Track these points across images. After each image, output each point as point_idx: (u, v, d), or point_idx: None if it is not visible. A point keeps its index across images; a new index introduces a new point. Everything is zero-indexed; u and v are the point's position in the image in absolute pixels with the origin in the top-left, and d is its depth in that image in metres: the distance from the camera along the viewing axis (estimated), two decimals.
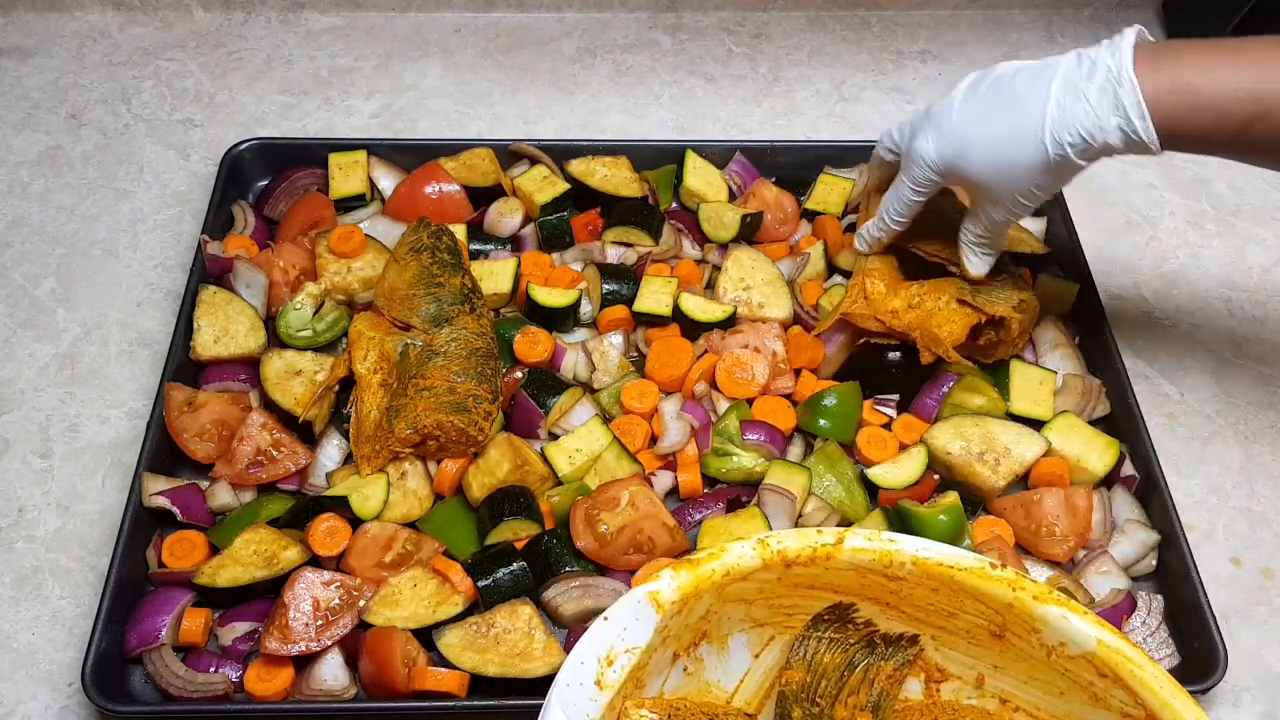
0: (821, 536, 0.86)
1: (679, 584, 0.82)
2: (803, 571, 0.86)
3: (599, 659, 0.79)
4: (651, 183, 1.39)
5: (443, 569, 1.05)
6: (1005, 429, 1.15)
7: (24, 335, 1.29)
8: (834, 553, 0.86)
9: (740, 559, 0.85)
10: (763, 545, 0.85)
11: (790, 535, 0.86)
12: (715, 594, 0.85)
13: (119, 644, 1.03)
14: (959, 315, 1.17)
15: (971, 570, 0.85)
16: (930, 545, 0.86)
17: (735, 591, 0.87)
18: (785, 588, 0.88)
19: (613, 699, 0.79)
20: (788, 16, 1.69)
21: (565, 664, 0.78)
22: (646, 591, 0.81)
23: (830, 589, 0.89)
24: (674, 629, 0.85)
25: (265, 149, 1.39)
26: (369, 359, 1.17)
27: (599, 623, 0.80)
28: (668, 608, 0.82)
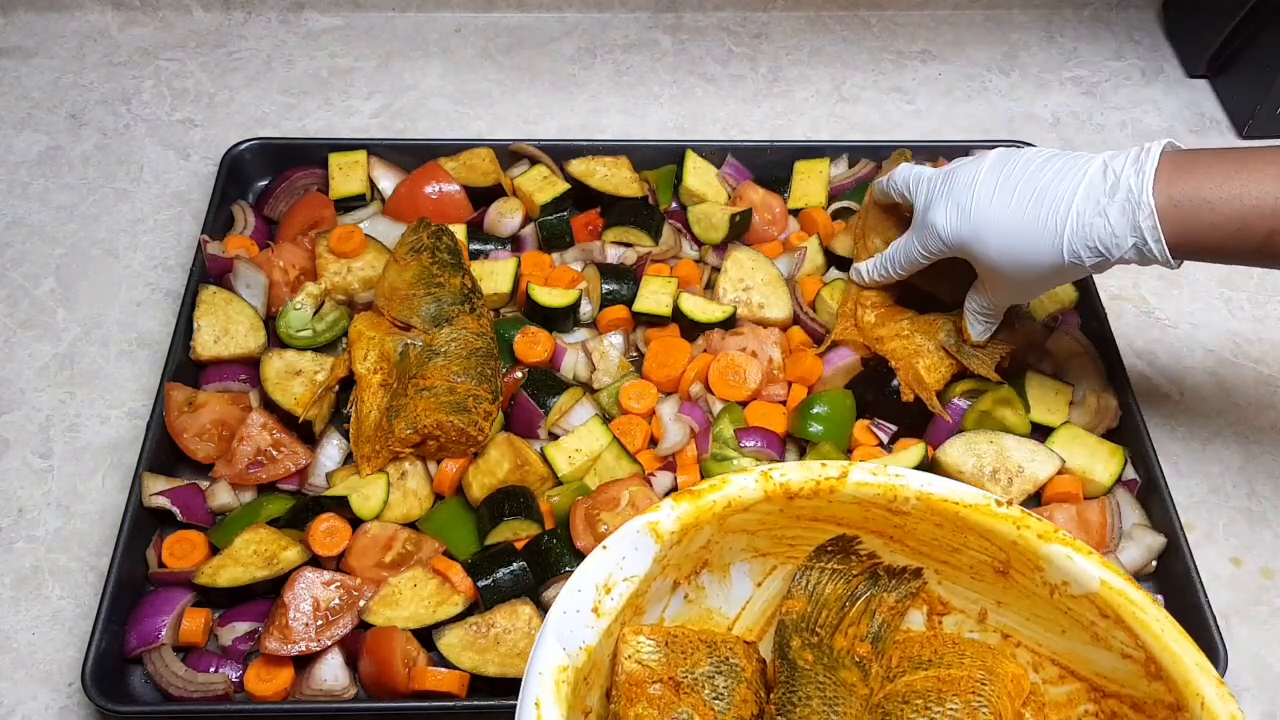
0: (825, 469, 0.86)
1: (679, 515, 0.83)
2: (805, 504, 0.86)
3: (597, 586, 0.79)
4: (651, 183, 1.39)
5: (443, 569, 1.05)
6: (1019, 446, 1.15)
7: (24, 335, 1.29)
8: (837, 486, 0.86)
9: (742, 490, 0.85)
10: (765, 477, 0.85)
11: (793, 468, 0.86)
12: (716, 524, 0.85)
13: (119, 644, 1.03)
14: (942, 364, 1.18)
15: (976, 507, 0.84)
16: (935, 480, 0.86)
17: (737, 522, 0.87)
18: (788, 519, 0.88)
19: (610, 625, 0.79)
20: (788, 16, 1.69)
21: (562, 592, 0.79)
22: (646, 522, 0.82)
23: (833, 521, 0.89)
24: (674, 558, 0.85)
25: (265, 149, 1.39)
26: (369, 359, 1.17)
27: (597, 551, 0.80)
28: (667, 538, 0.82)
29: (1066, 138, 1.56)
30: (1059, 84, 1.63)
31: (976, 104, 1.60)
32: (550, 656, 0.76)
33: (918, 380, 1.17)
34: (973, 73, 1.64)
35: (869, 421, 1.19)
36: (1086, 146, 1.55)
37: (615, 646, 0.82)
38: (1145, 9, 1.72)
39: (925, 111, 1.59)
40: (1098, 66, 1.66)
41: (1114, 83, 1.64)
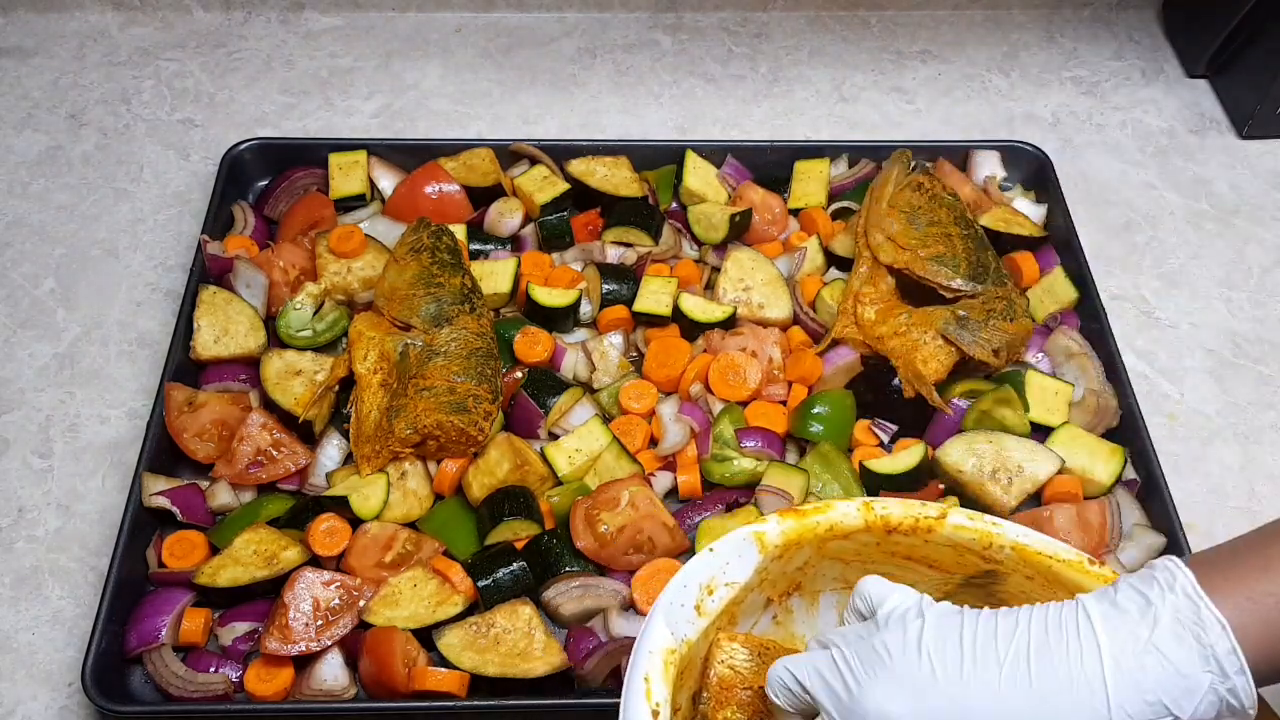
0: (925, 508, 0.87)
1: (784, 529, 0.85)
2: (902, 540, 0.87)
3: (701, 586, 0.82)
4: (651, 183, 1.39)
5: (443, 569, 1.05)
6: (1019, 446, 1.14)
7: (24, 335, 1.29)
8: (936, 526, 0.86)
9: (845, 516, 0.86)
10: (867, 508, 0.87)
11: (895, 503, 0.87)
12: (816, 547, 0.87)
13: (119, 644, 1.03)
14: (942, 353, 1.18)
15: (1069, 563, 0.84)
16: (1031, 533, 0.86)
17: (834, 549, 0.88)
18: (883, 554, 0.89)
19: (708, 626, 0.81)
20: (788, 16, 1.69)
21: (670, 584, 0.81)
22: (753, 531, 0.84)
23: (926, 563, 0.89)
24: (772, 573, 0.87)
25: (265, 149, 1.39)
26: (369, 359, 1.17)
27: (704, 553, 0.83)
28: (770, 550, 0.84)
29: (1066, 137, 1.56)
30: (1059, 84, 1.63)
31: (976, 104, 1.60)
32: (659, 638, 0.78)
33: (917, 376, 1.17)
34: (973, 73, 1.64)
35: (869, 421, 1.19)
36: (1087, 146, 1.55)
37: (709, 651, 0.84)
38: (1145, 9, 1.72)
39: (925, 111, 1.59)
40: (1098, 66, 1.66)
41: (1114, 83, 1.64)
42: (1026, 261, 1.32)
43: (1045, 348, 1.26)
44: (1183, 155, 1.55)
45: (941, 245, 1.23)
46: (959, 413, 1.17)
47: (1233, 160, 1.54)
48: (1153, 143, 1.56)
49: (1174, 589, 0.69)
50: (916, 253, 1.22)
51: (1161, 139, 1.57)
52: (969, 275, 1.21)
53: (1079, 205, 1.43)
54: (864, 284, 1.24)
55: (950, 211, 1.26)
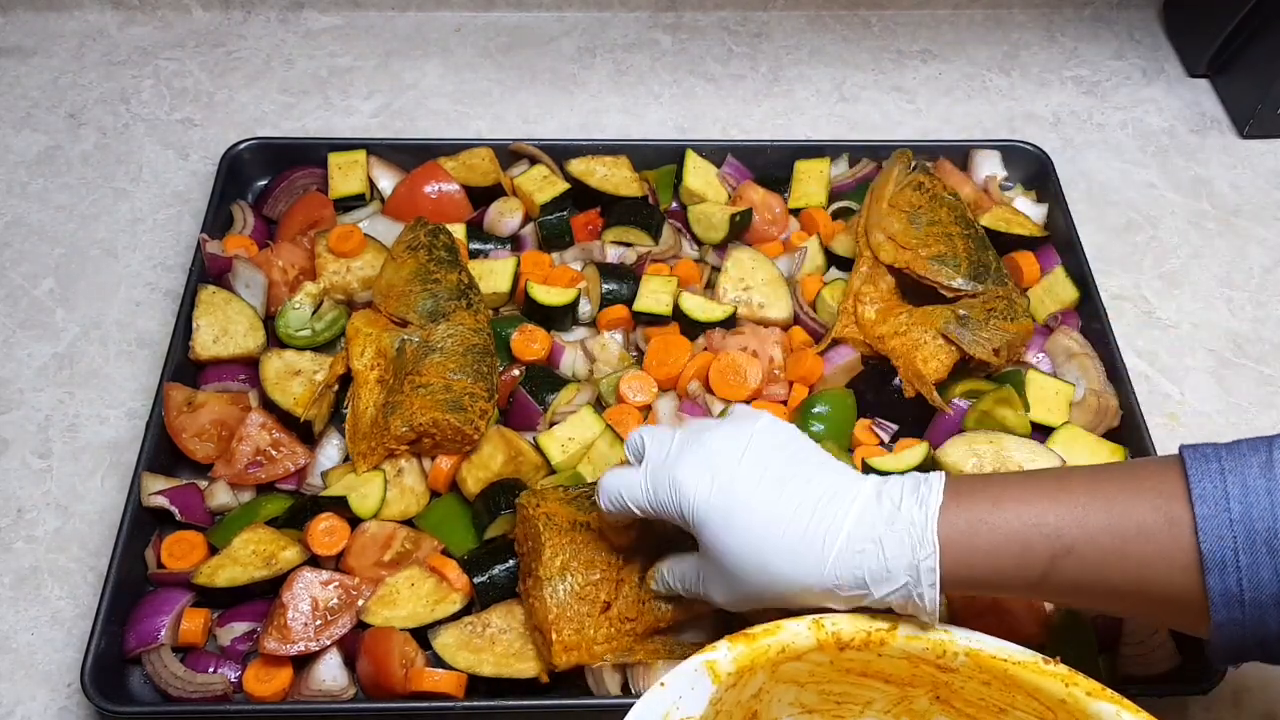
0: (875, 622, 0.86)
1: (735, 655, 0.83)
2: (856, 656, 0.86)
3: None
4: (651, 182, 1.38)
5: (439, 566, 1.05)
6: (1020, 447, 1.14)
7: (23, 335, 1.29)
8: (887, 638, 0.86)
9: (795, 637, 0.85)
10: (817, 625, 0.86)
11: (844, 619, 0.86)
12: (769, 671, 0.86)
13: (118, 644, 1.02)
14: (943, 352, 1.17)
15: (1024, 664, 0.84)
16: (984, 639, 0.86)
17: (788, 671, 0.87)
18: (837, 672, 0.88)
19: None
20: (788, 16, 1.69)
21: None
22: (703, 660, 0.82)
23: (881, 677, 0.88)
24: (727, 703, 0.85)
25: (265, 149, 1.39)
26: (366, 355, 1.17)
27: (656, 688, 0.81)
28: (724, 679, 0.83)
29: (1067, 137, 1.55)
30: (1059, 83, 1.63)
31: (977, 103, 1.60)
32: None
33: (917, 375, 1.16)
34: (973, 72, 1.64)
35: (870, 421, 1.19)
36: (1087, 146, 1.55)
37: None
38: (1146, 8, 1.72)
39: (926, 111, 1.59)
40: (1098, 66, 1.65)
41: (1114, 82, 1.63)
42: (1027, 261, 1.32)
43: (1046, 347, 1.26)
44: (1183, 155, 1.54)
45: (942, 245, 1.23)
46: (959, 412, 1.17)
47: (1234, 160, 1.54)
48: (1153, 142, 1.56)
49: (920, 503, 0.82)
50: (917, 252, 1.22)
51: (1162, 139, 1.56)
52: (970, 275, 1.21)
53: (1080, 205, 1.43)
54: (864, 283, 1.23)
55: (951, 211, 1.25)
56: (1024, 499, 0.82)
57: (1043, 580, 0.82)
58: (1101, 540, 0.79)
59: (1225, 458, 0.77)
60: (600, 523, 0.99)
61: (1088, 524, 0.80)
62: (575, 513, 1.01)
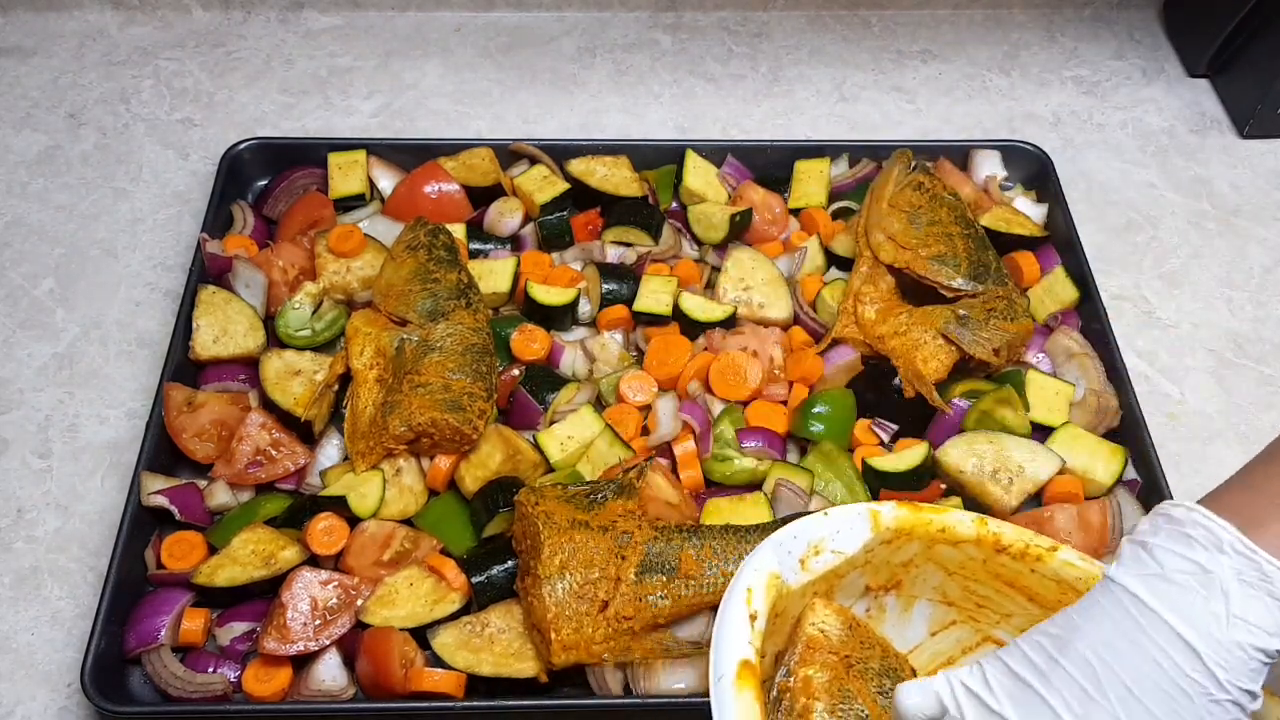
0: (1038, 538, 0.87)
1: (898, 515, 0.86)
2: (1009, 564, 0.87)
3: (809, 543, 0.82)
4: (651, 182, 1.38)
5: (437, 566, 1.05)
6: (1019, 446, 1.14)
7: (23, 335, 1.29)
8: (1045, 556, 0.87)
9: (959, 523, 0.87)
10: (982, 522, 0.87)
11: (1009, 526, 0.88)
12: (925, 545, 0.88)
13: (118, 644, 1.02)
14: (942, 352, 1.17)
15: None
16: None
17: (941, 553, 0.88)
18: (987, 574, 0.89)
19: (808, 584, 0.82)
20: (788, 16, 1.69)
21: (782, 529, 0.82)
22: (869, 508, 0.85)
23: (1027, 594, 0.89)
24: (878, 557, 0.87)
25: (264, 149, 1.39)
26: (365, 354, 1.17)
27: (818, 514, 0.84)
28: (882, 530, 0.85)
29: (1067, 137, 1.55)
30: (1059, 83, 1.63)
31: (977, 103, 1.60)
32: (767, 562, 0.79)
33: (917, 375, 1.16)
34: (973, 72, 1.64)
35: (870, 421, 1.18)
36: (1087, 146, 1.55)
37: (802, 613, 0.84)
38: (1146, 8, 1.72)
39: (926, 111, 1.59)
40: (1098, 66, 1.65)
41: (1114, 82, 1.63)
42: (1027, 261, 1.31)
43: (1046, 347, 1.26)
44: (1183, 155, 1.54)
45: (942, 245, 1.22)
46: (960, 412, 1.17)
47: (1233, 160, 1.54)
48: (1153, 142, 1.56)
49: (1223, 548, 0.67)
50: (917, 252, 1.22)
51: (1162, 139, 1.56)
52: (970, 275, 1.21)
53: (1080, 205, 1.43)
54: (864, 283, 1.23)
55: (951, 211, 1.25)
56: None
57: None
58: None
59: None
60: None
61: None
62: (574, 511, 1.01)
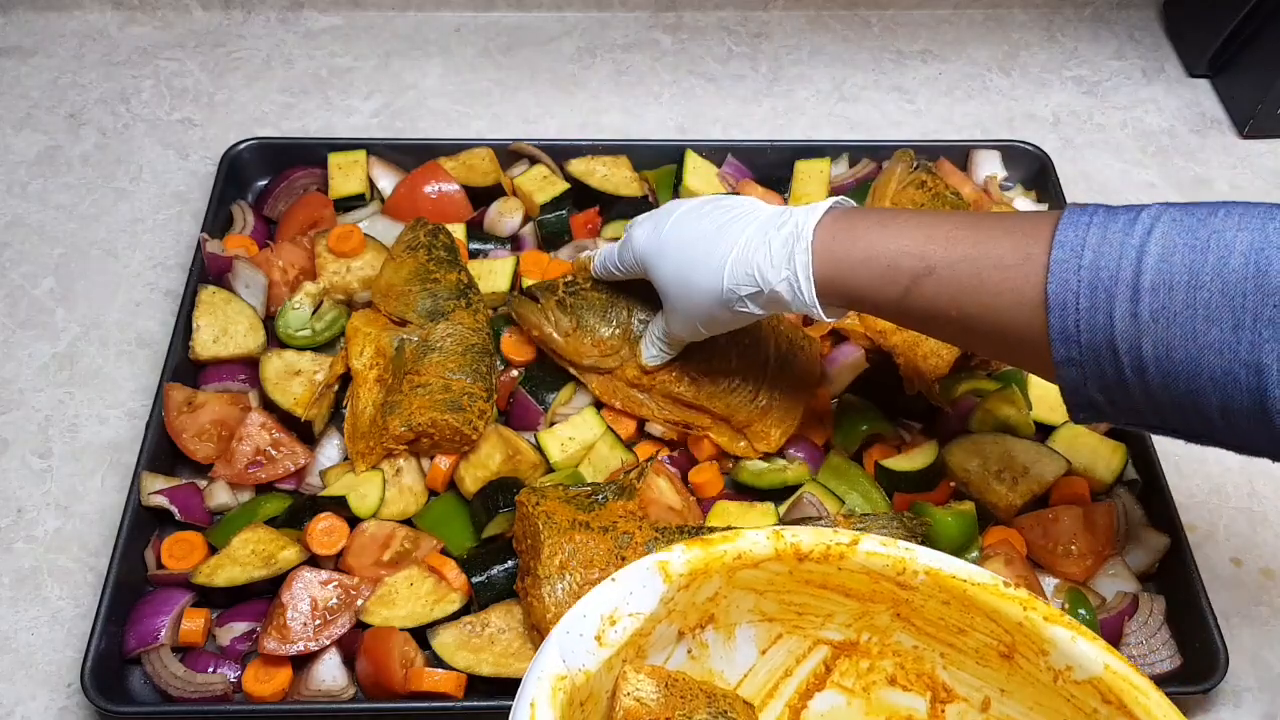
0: (836, 535, 0.86)
1: (689, 559, 0.83)
2: (815, 569, 0.86)
3: (602, 616, 0.80)
4: (651, 182, 1.38)
5: (437, 566, 1.05)
6: (1024, 448, 1.14)
7: (23, 335, 1.29)
8: (848, 553, 0.86)
9: (753, 545, 0.85)
10: (777, 536, 0.85)
11: (805, 531, 0.86)
12: (725, 576, 0.86)
13: (118, 644, 1.02)
14: (944, 349, 1.17)
15: (984, 586, 0.85)
16: (944, 558, 0.86)
17: (745, 578, 0.87)
18: (797, 583, 0.88)
19: (611, 658, 0.79)
20: (788, 16, 1.69)
21: (568, 613, 0.79)
22: (656, 560, 0.82)
23: (842, 591, 0.89)
24: (680, 604, 0.85)
25: (265, 149, 1.39)
26: (365, 354, 1.17)
27: (606, 583, 0.81)
28: (675, 580, 0.82)
29: (1067, 137, 1.55)
30: (1059, 83, 1.63)
31: (977, 103, 1.60)
32: (550, 664, 0.76)
33: (917, 373, 1.16)
34: (973, 72, 1.64)
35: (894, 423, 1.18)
36: (1087, 146, 1.55)
37: (615, 684, 0.82)
38: (1146, 8, 1.72)
39: (926, 111, 1.59)
40: (1098, 66, 1.65)
41: (1114, 82, 1.63)
42: None
43: None
44: (1183, 155, 1.54)
45: None
46: (962, 411, 1.17)
47: (1234, 160, 1.54)
48: (1153, 142, 1.56)
49: (807, 213, 0.93)
50: None
51: (1162, 138, 1.56)
52: None
53: None
54: None
55: (953, 210, 1.25)
56: (901, 225, 0.89)
57: (904, 298, 0.88)
58: (961, 268, 0.85)
59: (1098, 214, 0.79)
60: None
61: (951, 251, 0.86)
62: (575, 512, 1.01)
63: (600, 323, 1.15)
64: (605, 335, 1.14)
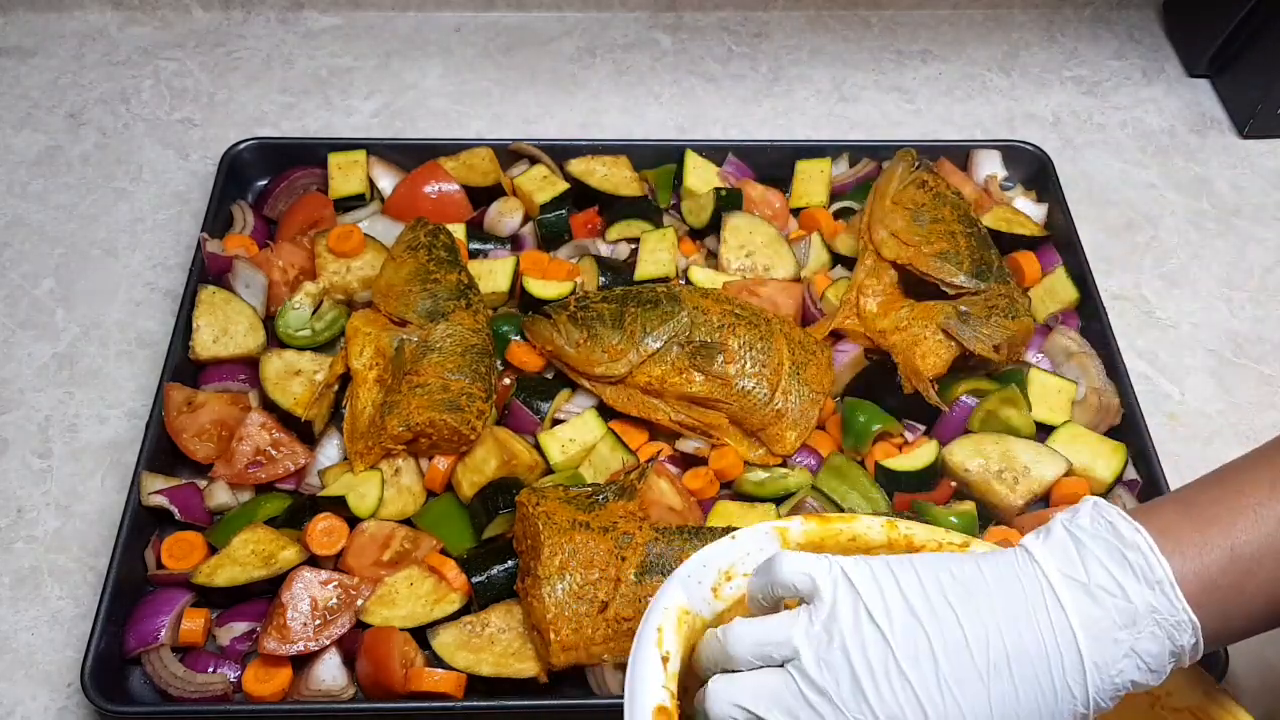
0: (950, 535, 0.86)
1: (806, 530, 0.84)
2: None
3: (720, 570, 0.80)
4: (651, 182, 1.38)
5: (437, 566, 1.05)
6: (1025, 448, 1.14)
7: (23, 335, 1.29)
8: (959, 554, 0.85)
9: (868, 529, 0.85)
10: (891, 525, 0.85)
11: (919, 526, 0.86)
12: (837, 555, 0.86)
13: (118, 644, 1.02)
14: (942, 348, 1.17)
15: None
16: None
17: None
18: None
19: (723, 612, 0.80)
20: (788, 16, 1.69)
21: (689, 559, 0.80)
22: (775, 526, 0.83)
23: None
24: None
25: (265, 149, 1.39)
26: (364, 354, 1.17)
27: (725, 539, 0.82)
28: (793, 547, 0.83)
29: (1067, 137, 1.55)
30: (1059, 83, 1.63)
31: (977, 103, 1.60)
32: (674, 597, 0.77)
33: (915, 371, 1.16)
34: (973, 72, 1.64)
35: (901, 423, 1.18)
36: (1087, 146, 1.55)
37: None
38: (1146, 8, 1.72)
39: (926, 111, 1.59)
40: (1098, 66, 1.65)
41: (1114, 82, 1.63)
42: (1028, 261, 1.31)
43: (1044, 347, 1.26)
44: (1183, 155, 1.54)
45: (945, 242, 1.22)
46: (962, 410, 1.17)
47: (1234, 160, 1.54)
48: (1153, 142, 1.56)
49: (1153, 585, 0.69)
50: (920, 249, 1.22)
51: (1162, 138, 1.56)
52: (972, 273, 1.21)
53: (1080, 205, 1.43)
54: (868, 275, 1.23)
55: (954, 209, 1.25)
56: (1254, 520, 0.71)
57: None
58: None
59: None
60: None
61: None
62: (575, 512, 1.01)
63: (609, 330, 1.15)
64: (615, 342, 1.14)
